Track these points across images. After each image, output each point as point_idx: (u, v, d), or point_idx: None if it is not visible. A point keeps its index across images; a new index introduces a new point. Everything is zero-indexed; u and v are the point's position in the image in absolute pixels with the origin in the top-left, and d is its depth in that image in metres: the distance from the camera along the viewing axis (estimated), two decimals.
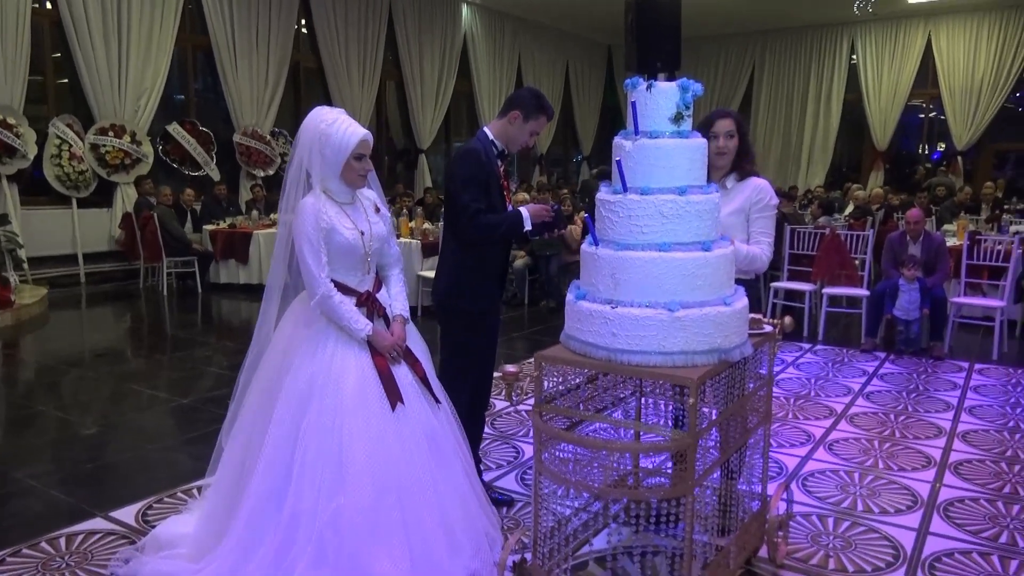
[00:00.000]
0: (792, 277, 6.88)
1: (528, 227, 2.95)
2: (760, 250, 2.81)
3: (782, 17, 14.45)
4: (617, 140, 2.30)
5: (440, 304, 3.16)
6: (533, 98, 3.03)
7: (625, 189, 2.22)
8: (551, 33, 15.48)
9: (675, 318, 2.09)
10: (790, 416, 4.38)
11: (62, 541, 2.85)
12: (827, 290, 6.52)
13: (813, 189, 12.98)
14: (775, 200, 2.87)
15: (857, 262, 6.71)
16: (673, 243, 2.15)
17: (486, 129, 3.08)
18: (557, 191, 11.18)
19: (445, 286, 3.09)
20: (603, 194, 2.29)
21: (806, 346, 6.14)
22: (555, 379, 2.30)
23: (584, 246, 2.32)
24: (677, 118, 2.23)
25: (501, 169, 3.07)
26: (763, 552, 2.73)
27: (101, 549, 2.79)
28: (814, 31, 15.07)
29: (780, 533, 2.76)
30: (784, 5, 13.52)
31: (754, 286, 2.95)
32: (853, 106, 14.94)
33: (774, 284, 6.84)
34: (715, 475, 2.70)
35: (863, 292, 6.38)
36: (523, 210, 2.99)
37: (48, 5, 8.59)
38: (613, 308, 2.15)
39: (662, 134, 2.22)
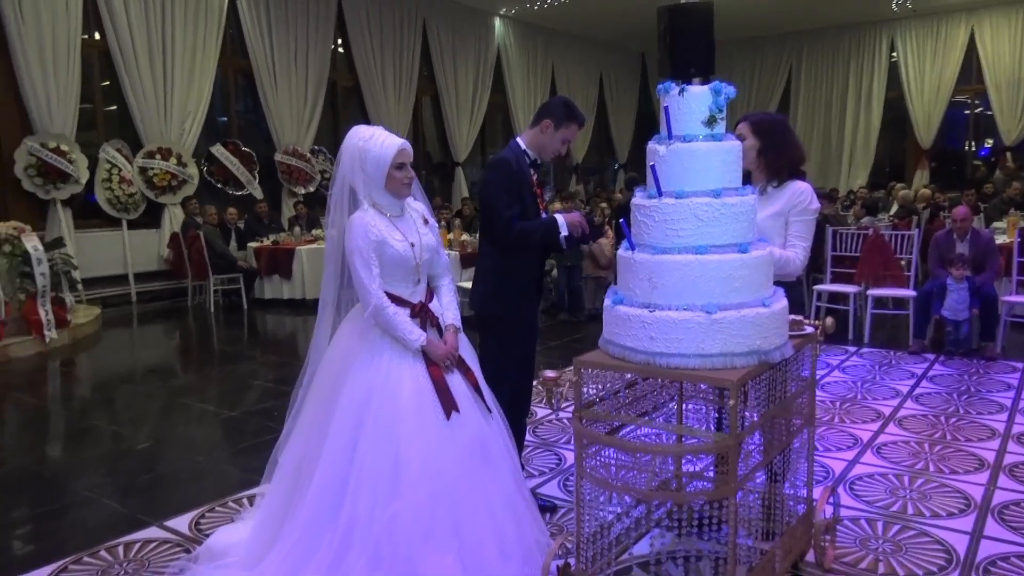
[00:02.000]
0: (835, 279, 6.76)
1: (564, 233, 2.97)
2: (794, 254, 2.75)
3: (819, 17, 14.28)
4: (651, 145, 2.31)
5: (477, 311, 3.19)
6: (564, 107, 3.06)
7: (660, 193, 2.23)
8: (584, 43, 15.52)
9: (713, 320, 2.09)
10: (836, 420, 4.31)
11: (120, 549, 2.94)
12: (872, 291, 6.40)
13: (856, 190, 12.76)
14: (816, 204, 2.82)
15: (903, 262, 6.57)
16: (709, 246, 2.16)
17: (519, 139, 3.12)
18: (596, 200, 11.17)
19: (482, 293, 3.12)
20: (638, 199, 2.30)
21: (852, 349, 6.03)
22: (595, 385, 2.31)
23: (620, 251, 2.33)
24: (710, 121, 2.24)
25: (534, 178, 3.10)
26: (811, 557, 2.69)
27: (157, 557, 2.88)
28: (852, 30, 14.86)
29: (827, 537, 2.72)
30: (820, 5, 13.36)
31: (796, 288, 2.91)
32: (895, 104, 14.67)
33: (817, 287, 6.74)
34: (760, 479, 2.69)
35: (910, 293, 6.25)
36: (559, 217, 3.02)
37: (97, 36, 8.92)
38: (651, 312, 2.15)
39: (695, 137, 2.23)
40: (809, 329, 2.53)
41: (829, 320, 2.62)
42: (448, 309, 2.72)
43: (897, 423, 4.24)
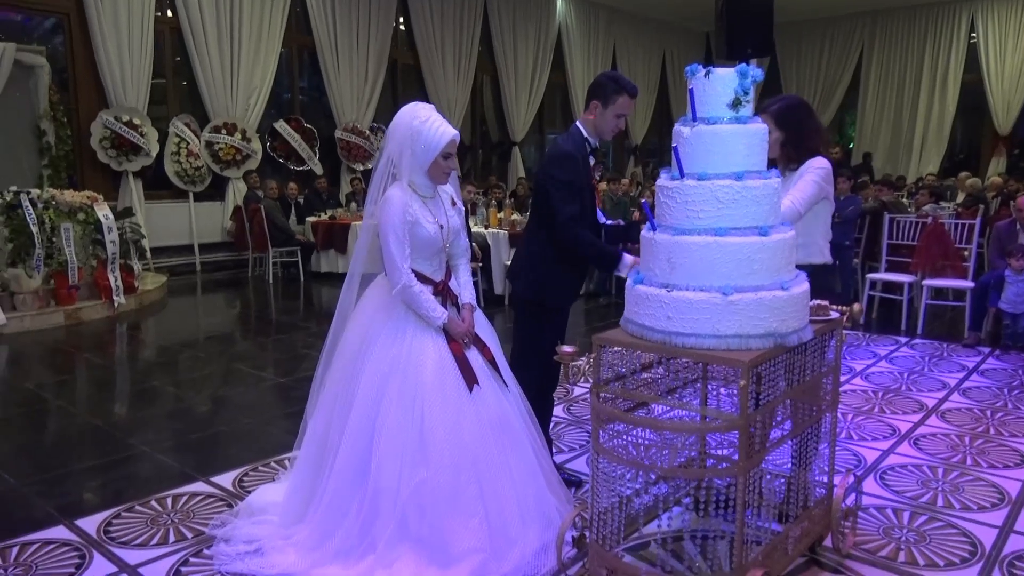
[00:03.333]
0: (891, 268, 6.59)
1: (622, 274, 2.87)
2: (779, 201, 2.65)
3: None
4: (676, 127, 2.34)
5: (516, 294, 3.25)
6: (609, 82, 2.98)
7: (682, 175, 2.26)
8: (647, 22, 15.30)
9: (729, 302, 2.12)
10: (876, 410, 4.25)
11: (169, 500, 3.15)
12: (928, 281, 6.21)
13: (924, 177, 12.31)
14: (828, 176, 2.79)
15: (965, 252, 6.35)
16: (729, 228, 2.17)
17: (579, 124, 3.05)
18: (649, 183, 11.07)
19: (524, 277, 3.15)
20: (661, 180, 2.33)
21: (902, 340, 5.88)
22: (625, 362, 2.35)
23: (643, 231, 2.37)
24: (735, 104, 2.25)
25: (593, 167, 3.11)
26: (830, 542, 2.70)
27: (202, 509, 3.07)
28: (929, 9, 14.25)
29: (847, 523, 2.72)
30: None
31: (851, 276, 2.87)
32: (972, 88, 14.04)
33: (871, 275, 6.58)
34: (787, 464, 2.70)
35: (968, 284, 6.05)
36: (628, 258, 2.92)
37: (169, 13, 9.26)
38: (669, 292, 2.19)
39: (720, 120, 2.24)
40: (835, 314, 2.52)
41: (856, 307, 2.60)
42: (465, 288, 2.81)
43: (939, 415, 4.16)
